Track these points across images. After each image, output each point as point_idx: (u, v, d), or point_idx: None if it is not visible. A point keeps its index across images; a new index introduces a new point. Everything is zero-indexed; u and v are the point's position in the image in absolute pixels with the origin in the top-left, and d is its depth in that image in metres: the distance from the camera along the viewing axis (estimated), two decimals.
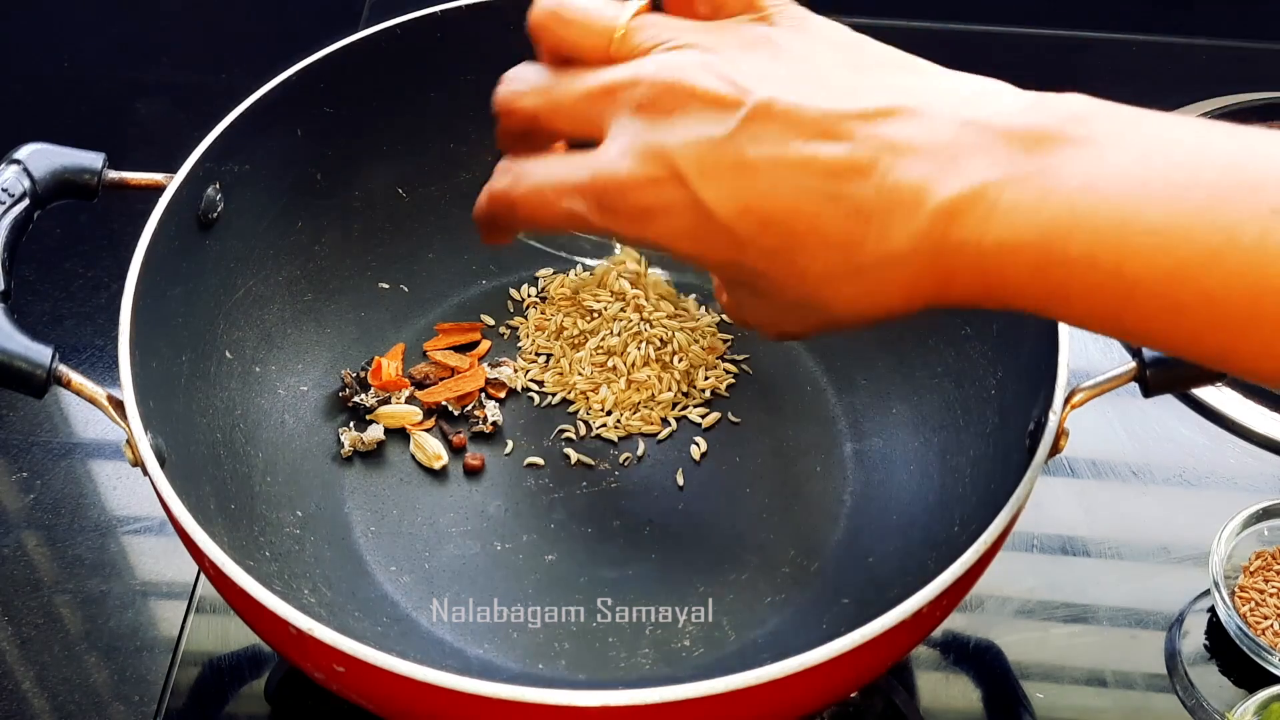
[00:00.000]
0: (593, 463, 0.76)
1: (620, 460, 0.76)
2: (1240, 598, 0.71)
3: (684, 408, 0.78)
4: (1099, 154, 0.44)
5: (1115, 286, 0.44)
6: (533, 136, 0.54)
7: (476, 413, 0.77)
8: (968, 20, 1.03)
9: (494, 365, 0.79)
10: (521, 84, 0.53)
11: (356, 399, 0.76)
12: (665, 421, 0.77)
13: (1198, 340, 0.44)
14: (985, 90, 0.48)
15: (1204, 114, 0.91)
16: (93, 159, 0.67)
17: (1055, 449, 0.60)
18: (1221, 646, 0.71)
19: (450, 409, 0.77)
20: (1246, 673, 0.70)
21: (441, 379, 0.78)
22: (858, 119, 0.47)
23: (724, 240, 0.49)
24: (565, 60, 0.53)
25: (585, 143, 0.52)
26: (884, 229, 0.46)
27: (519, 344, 0.81)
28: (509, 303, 0.83)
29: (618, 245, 0.79)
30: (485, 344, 0.81)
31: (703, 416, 0.78)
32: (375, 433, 0.76)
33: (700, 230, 0.49)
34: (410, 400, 0.78)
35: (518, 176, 0.53)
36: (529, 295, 0.83)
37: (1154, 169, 0.43)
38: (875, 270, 0.47)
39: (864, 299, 0.49)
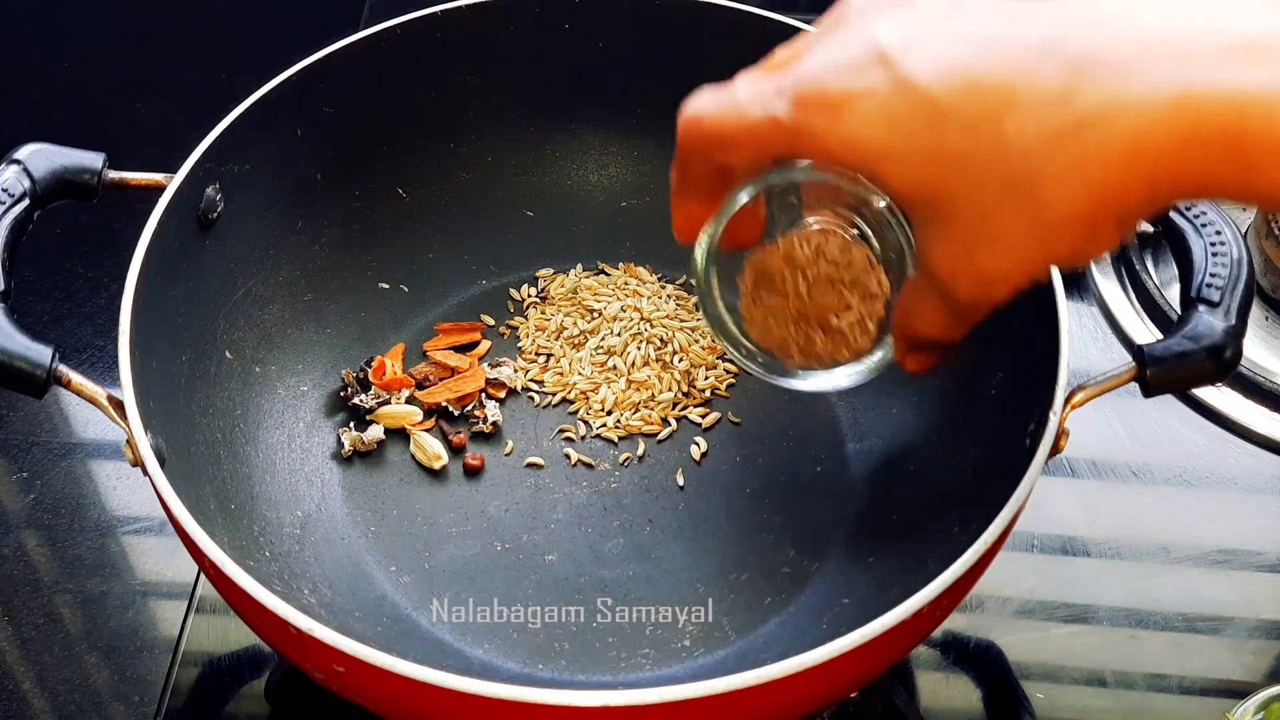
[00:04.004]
0: (593, 463, 0.76)
1: (620, 460, 0.76)
2: None
3: (684, 408, 0.78)
4: None
5: None
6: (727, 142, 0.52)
7: (476, 413, 0.77)
8: None
9: (494, 365, 0.79)
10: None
11: (357, 399, 0.76)
12: (665, 421, 0.77)
13: None
14: None
15: None
16: (93, 159, 0.67)
17: (1055, 449, 0.60)
18: None
19: (450, 409, 0.77)
20: None
21: (441, 379, 0.78)
22: None
23: (923, 116, 0.46)
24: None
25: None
26: (1121, 76, 0.43)
27: (519, 344, 0.81)
28: (509, 303, 0.83)
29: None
30: (485, 344, 0.81)
31: (703, 416, 0.78)
32: (375, 433, 0.76)
33: (898, 107, 0.47)
34: (410, 400, 0.78)
35: (707, 96, 0.51)
36: (529, 295, 0.83)
37: None
38: (1096, 126, 0.44)
39: (1077, 172, 0.45)
